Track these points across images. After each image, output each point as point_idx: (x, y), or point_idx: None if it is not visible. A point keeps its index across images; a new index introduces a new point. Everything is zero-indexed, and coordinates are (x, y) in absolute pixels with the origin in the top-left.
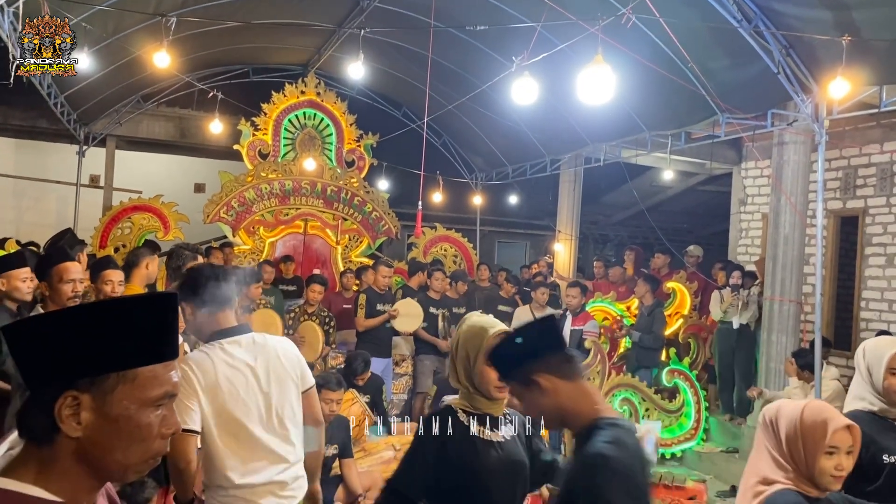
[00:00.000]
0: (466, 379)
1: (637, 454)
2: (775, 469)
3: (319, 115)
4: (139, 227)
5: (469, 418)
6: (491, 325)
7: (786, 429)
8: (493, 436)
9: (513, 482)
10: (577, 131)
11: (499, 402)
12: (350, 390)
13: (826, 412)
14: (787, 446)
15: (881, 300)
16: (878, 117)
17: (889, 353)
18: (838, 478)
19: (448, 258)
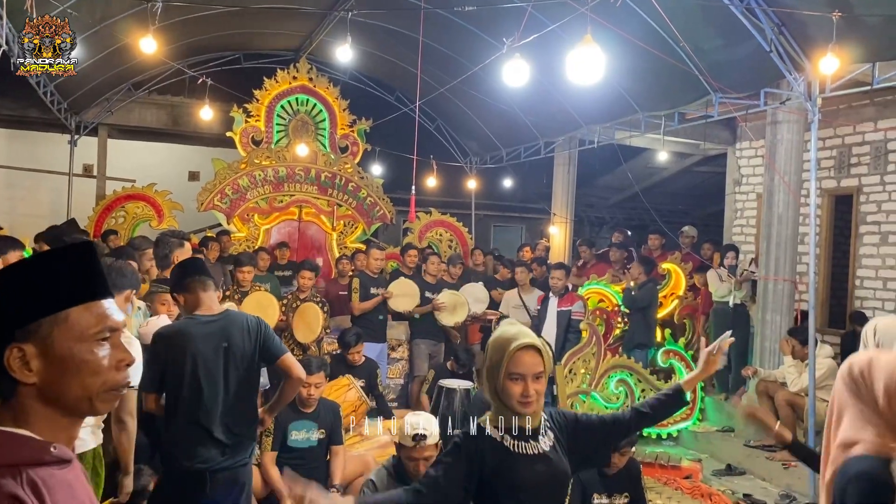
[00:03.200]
0: (492, 391)
1: None
2: (863, 427)
3: (312, 100)
4: (133, 216)
5: (502, 435)
6: (515, 336)
7: (885, 380)
8: (531, 448)
9: (554, 493)
10: (570, 113)
11: (531, 416)
12: (346, 376)
13: None
14: (885, 399)
15: (875, 278)
16: (872, 95)
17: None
18: None
19: (443, 243)
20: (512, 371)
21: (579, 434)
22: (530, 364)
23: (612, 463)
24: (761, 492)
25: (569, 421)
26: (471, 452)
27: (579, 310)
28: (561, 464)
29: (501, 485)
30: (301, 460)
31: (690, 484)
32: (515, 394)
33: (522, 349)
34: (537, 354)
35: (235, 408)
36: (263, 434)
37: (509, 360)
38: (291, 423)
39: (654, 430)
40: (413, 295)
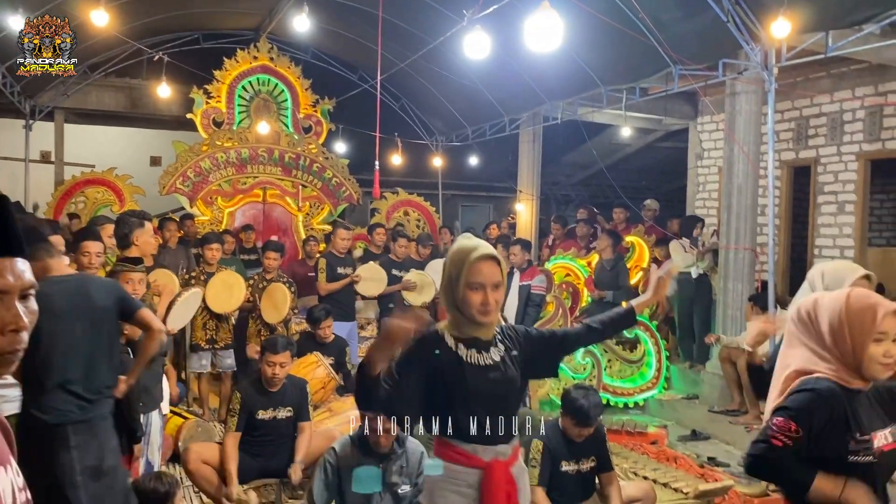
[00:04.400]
0: (451, 303)
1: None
2: (815, 361)
3: (273, 80)
4: (93, 202)
5: (457, 344)
6: (474, 247)
7: (829, 318)
8: (483, 358)
9: (502, 403)
10: (533, 89)
11: (487, 326)
12: (314, 353)
13: (873, 297)
14: (830, 336)
15: (833, 247)
16: (828, 67)
17: (852, 278)
18: (887, 365)
19: (411, 222)
20: (472, 280)
21: (529, 345)
22: (490, 273)
23: (581, 433)
24: (725, 455)
25: (519, 333)
26: (427, 353)
27: (539, 284)
28: (510, 373)
29: (453, 393)
30: (268, 437)
31: (656, 449)
32: (475, 303)
33: (482, 259)
34: (496, 265)
35: (94, 363)
36: (229, 413)
37: (469, 269)
38: (258, 404)
39: (620, 400)
40: (381, 280)
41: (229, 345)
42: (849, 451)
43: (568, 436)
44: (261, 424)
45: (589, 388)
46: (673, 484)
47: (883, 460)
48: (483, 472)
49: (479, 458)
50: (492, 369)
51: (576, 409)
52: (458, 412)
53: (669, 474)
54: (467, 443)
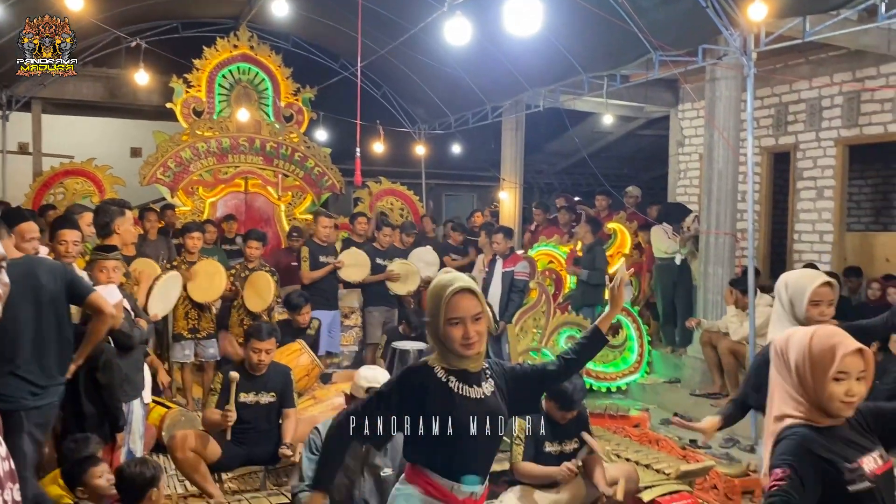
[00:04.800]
0: (435, 338)
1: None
2: (787, 401)
3: (254, 69)
4: (72, 193)
5: (448, 376)
6: (450, 283)
7: (795, 357)
8: (473, 392)
9: (491, 438)
10: (515, 76)
11: (476, 359)
12: (298, 341)
13: (835, 338)
14: (796, 375)
15: (812, 231)
16: (807, 54)
17: (812, 287)
18: (849, 403)
19: (394, 212)
20: (451, 316)
21: (515, 382)
22: (467, 307)
23: (564, 416)
24: None
25: (505, 370)
26: (415, 386)
27: (522, 270)
28: (499, 408)
29: (441, 423)
30: (250, 423)
31: (639, 432)
32: (457, 338)
33: (458, 293)
34: (473, 297)
35: (45, 348)
36: (210, 392)
37: (447, 305)
38: (240, 386)
39: (603, 384)
40: (364, 265)
41: (212, 334)
42: (845, 481)
43: (552, 418)
44: (242, 408)
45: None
46: (655, 465)
47: (880, 483)
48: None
49: (454, 496)
50: (481, 403)
51: (559, 393)
52: (442, 442)
53: (651, 456)
54: (445, 478)
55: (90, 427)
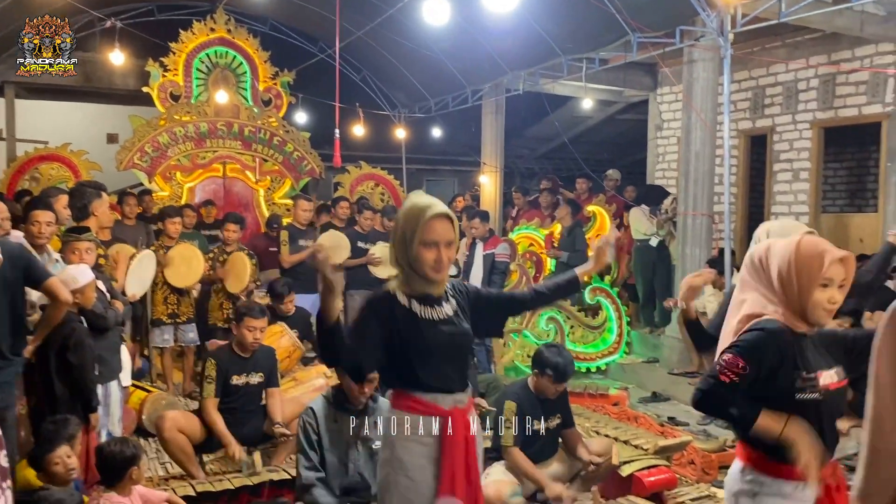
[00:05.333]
0: (404, 260)
1: None
2: (765, 304)
3: (232, 52)
4: (48, 178)
5: (410, 300)
6: (428, 206)
7: (779, 263)
8: (436, 313)
9: (458, 354)
10: (494, 59)
11: (437, 284)
12: (279, 323)
13: (822, 244)
14: (778, 281)
15: (788, 213)
16: (784, 36)
17: (796, 234)
18: (830, 311)
19: (375, 196)
20: (426, 238)
21: (480, 303)
22: (444, 231)
23: (556, 390)
24: (684, 415)
25: (470, 291)
26: (381, 314)
27: (503, 252)
28: (463, 327)
29: (410, 347)
30: (239, 403)
31: (618, 410)
32: (429, 260)
33: (436, 217)
34: (449, 223)
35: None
36: (206, 381)
37: (424, 227)
38: (232, 369)
39: (583, 365)
40: (344, 247)
41: (191, 319)
42: (796, 388)
43: (542, 394)
44: (234, 390)
45: (560, 346)
46: (633, 441)
47: (828, 398)
48: (444, 419)
49: (440, 406)
50: (446, 322)
51: (553, 365)
52: (416, 365)
53: (630, 432)
54: (427, 392)
55: (62, 408)
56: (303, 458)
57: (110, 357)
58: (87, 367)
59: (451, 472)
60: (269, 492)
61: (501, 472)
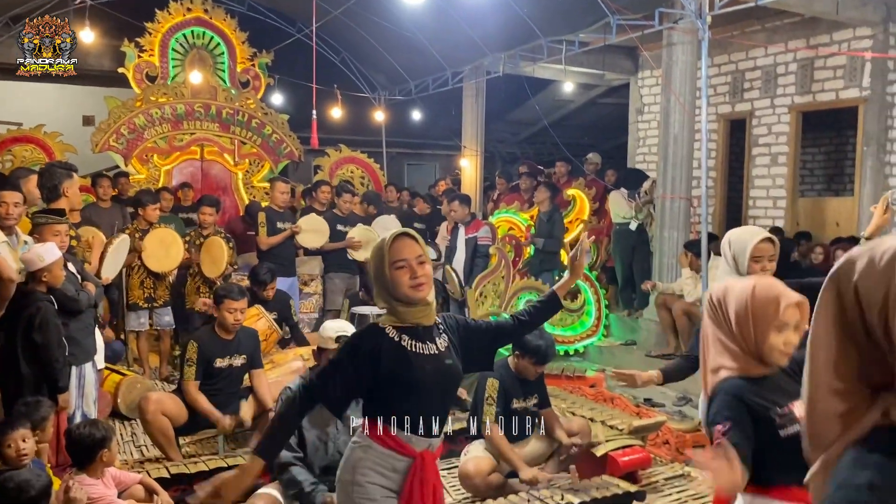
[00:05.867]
0: (386, 293)
1: None
2: (723, 353)
3: (209, 33)
4: (21, 160)
5: (399, 334)
6: (388, 233)
7: (735, 308)
8: (427, 348)
9: (444, 392)
10: (474, 41)
11: (427, 310)
12: (256, 306)
13: (777, 288)
14: (736, 326)
15: (766, 197)
16: (763, 21)
17: (752, 243)
18: (786, 353)
19: (355, 180)
20: (395, 260)
21: (469, 337)
22: (409, 249)
23: (537, 371)
24: (660, 396)
25: (460, 324)
26: (367, 351)
27: (485, 235)
28: (454, 363)
29: (397, 383)
30: (222, 385)
31: (594, 391)
32: (405, 280)
33: (397, 238)
34: (413, 241)
35: None
36: (186, 363)
37: (389, 251)
38: (215, 352)
39: (561, 348)
40: (323, 231)
41: (167, 302)
42: (777, 426)
43: (522, 375)
44: (217, 373)
45: (542, 330)
46: (609, 421)
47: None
48: (413, 461)
49: (412, 447)
50: (436, 359)
51: (534, 348)
52: (399, 400)
53: (606, 413)
54: (402, 430)
55: (28, 389)
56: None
57: (84, 339)
58: (53, 346)
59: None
60: None
61: (481, 450)
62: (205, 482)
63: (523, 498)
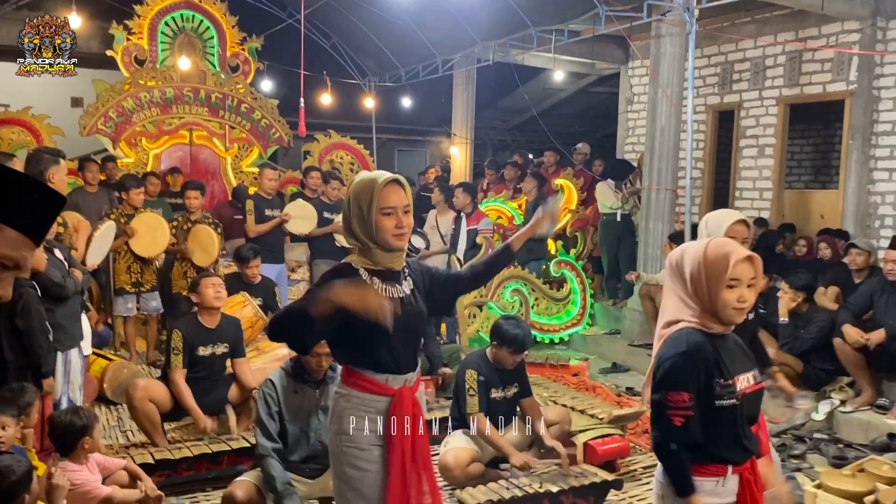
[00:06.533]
0: (364, 233)
1: None
2: (682, 309)
3: (198, 16)
4: (8, 143)
5: (370, 277)
6: (379, 175)
7: (690, 266)
8: (395, 291)
9: (412, 334)
10: (465, 29)
11: (398, 255)
12: (242, 293)
13: (728, 246)
14: (691, 284)
15: (753, 189)
16: (753, 12)
17: (727, 223)
18: (741, 310)
19: (345, 166)
20: (383, 206)
21: (433, 284)
22: (399, 198)
23: (514, 360)
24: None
25: (423, 270)
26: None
27: (486, 227)
28: (419, 305)
29: (367, 324)
30: (204, 373)
31: (577, 380)
32: (390, 227)
33: (389, 184)
34: (402, 188)
35: None
36: (172, 352)
37: (379, 196)
38: (198, 340)
39: (546, 336)
40: (311, 217)
41: (154, 287)
42: (715, 395)
43: (500, 364)
44: (200, 360)
45: (518, 318)
46: (589, 410)
47: (745, 402)
48: (392, 399)
49: (390, 386)
50: (403, 302)
51: (511, 338)
52: (369, 342)
53: (587, 402)
54: (379, 373)
55: (12, 374)
56: (260, 428)
57: (70, 325)
58: (35, 332)
59: (399, 449)
60: (229, 459)
61: (462, 440)
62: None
63: (503, 485)
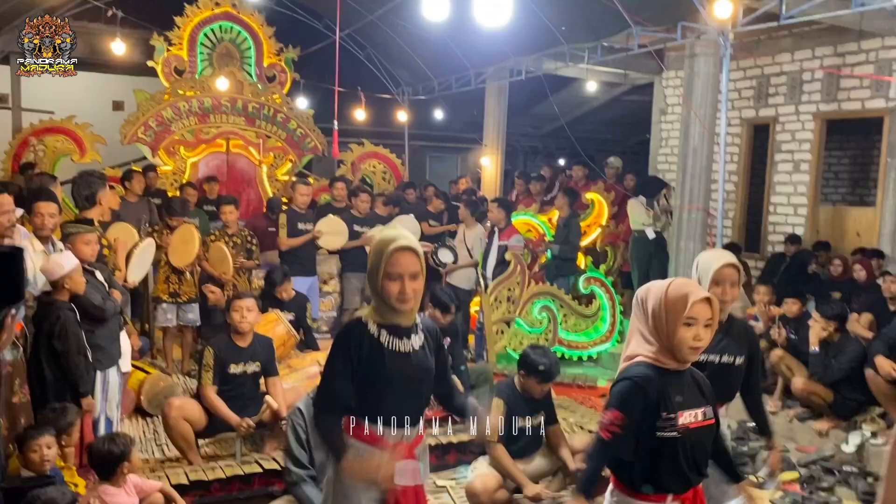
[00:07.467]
0: (373, 290)
1: None
2: (642, 344)
3: (236, 28)
4: (53, 150)
5: (379, 330)
6: (394, 239)
7: (652, 303)
8: (403, 346)
9: (419, 389)
10: (498, 43)
11: (406, 314)
12: (274, 311)
13: (688, 287)
14: (652, 320)
15: (787, 204)
16: (790, 27)
17: (715, 266)
18: (696, 348)
19: (377, 175)
20: (390, 271)
21: (435, 355)
22: (406, 264)
23: (542, 389)
24: None
25: (437, 335)
26: (351, 342)
27: (516, 243)
28: (427, 361)
29: (372, 376)
30: (237, 391)
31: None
32: (393, 292)
33: (399, 250)
34: (414, 255)
35: None
36: (203, 369)
37: (387, 260)
38: (230, 358)
39: (575, 353)
40: (342, 233)
41: (192, 299)
42: (657, 427)
43: (528, 393)
44: (231, 378)
45: (545, 348)
46: None
47: (688, 436)
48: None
49: (385, 440)
50: (411, 356)
51: (538, 369)
52: (373, 394)
53: None
54: (375, 424)
55: (52, 394)
56: (290, 457)
57: (109, 345)
58: (73, 353)
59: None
60: (260, 481)
61: (487, 467)
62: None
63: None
